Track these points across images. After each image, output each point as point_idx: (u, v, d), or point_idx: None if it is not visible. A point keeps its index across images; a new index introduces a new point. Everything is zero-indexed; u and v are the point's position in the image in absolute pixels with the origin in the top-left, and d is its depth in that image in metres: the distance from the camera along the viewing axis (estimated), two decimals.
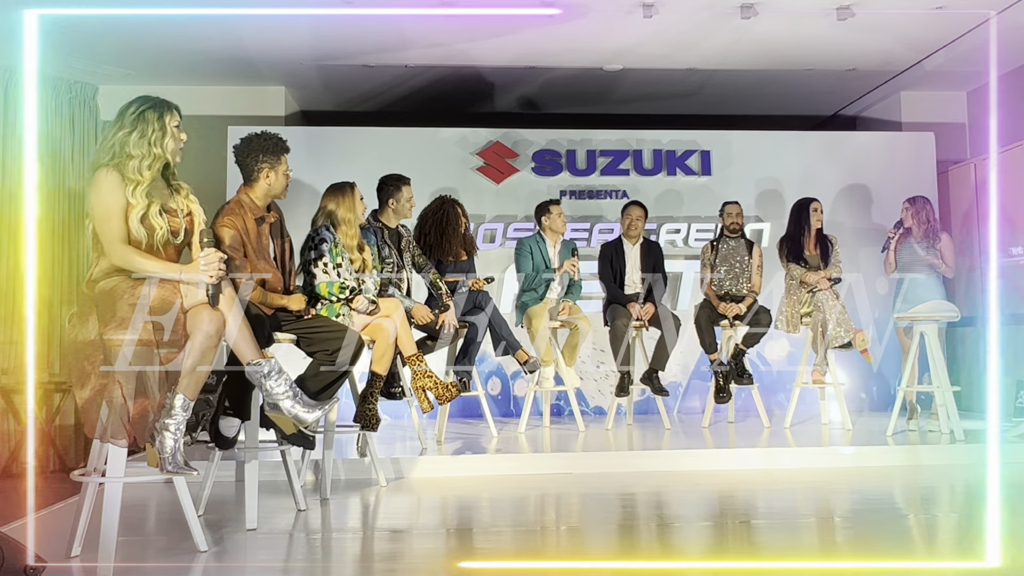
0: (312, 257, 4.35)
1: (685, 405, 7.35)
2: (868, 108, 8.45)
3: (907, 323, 5.74)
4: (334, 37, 6.55)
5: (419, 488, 4.50)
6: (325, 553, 3.29)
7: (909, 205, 6.03)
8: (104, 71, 6.97)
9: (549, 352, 5.82)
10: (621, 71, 7.34)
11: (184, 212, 3.18)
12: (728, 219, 6.29)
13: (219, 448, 3.68)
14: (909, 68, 7.30)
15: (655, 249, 6.31)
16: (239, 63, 6.99)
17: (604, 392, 7.27)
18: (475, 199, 7.19)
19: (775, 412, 6.63)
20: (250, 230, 3.73)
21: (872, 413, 7.07)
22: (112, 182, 3.02)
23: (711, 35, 6.52)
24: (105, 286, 2.98)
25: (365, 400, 4.30)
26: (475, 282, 5.47)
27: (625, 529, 3.59)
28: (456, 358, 5.45)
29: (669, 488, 4.45)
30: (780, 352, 7.37)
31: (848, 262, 6.47)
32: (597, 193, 7.54)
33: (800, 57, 7.03)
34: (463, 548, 3.31)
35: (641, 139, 7.61)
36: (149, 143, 3.08)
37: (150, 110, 3.13)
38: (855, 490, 4.38)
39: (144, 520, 3.89)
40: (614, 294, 6.16)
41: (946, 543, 3.39)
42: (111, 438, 2.89)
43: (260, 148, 3.82)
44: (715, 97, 8.02)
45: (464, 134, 7.52)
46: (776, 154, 7.63)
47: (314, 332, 3.83)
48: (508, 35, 6.47)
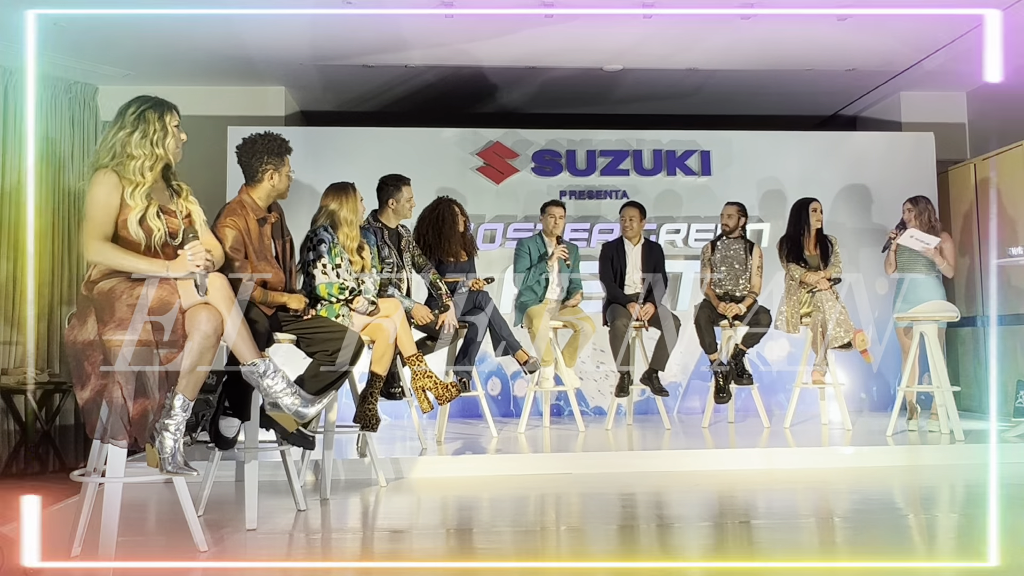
0: (311, 258, 4.35)
1: (685, 405, 7.35)
2: (868, 108, 8.45)
3: (907, 323, 5.74)
4: (334, 37, 6.55)
5: (419, 488, 4.50)
6: (325, 553, 3.28)
7: (912, 206, 6.03)
8: (104, 71, 6.97)
9: (549, 352, 5.82)
10: (621, 71, 7.34)
11: (183, 214, 3.18)
12: (723, 219, 6.29)
13: (219, 448, 3.68)
14: (909, 68, 7.30)
15: (656, 250, 6.31)
16: (239, 63, 6.99)
17: (604, 392, 7.27)
18: (475, 199, 7.20)
19: (775, 412, 6.63)
20: (252, 230, 3.73)
21: (872, 413, 7.07)
22: (109, 183, 3.02)
23: (711, 35, 6.53)
24: (104, 287, 2.98)
25: (365, 400, 4.30)
26: (475, 282, 5.47)
27: (625, 529, 3.59)
28: (456, 358, 5.45)
29: (669, 488, 4.45)
30: (780, 352, 7.37)
31: (848, 262, 6.47)
32: (597, 193, 7.54)
33: (800, 57, 7.04)
34: (463, 548, 3.31)
35: (641, 139, 7.61)
36: (151, 143, 3.08)
37: (150, 110, 3.12)
38: (855, 490, 4.38)
39: (144, 520, 3.89)
40: (614, 294, 6.16)
41: (946, 543, 3.39)
42: (111, 439, 2.89)
43: (264, 149, 3.82)
44: (715, 97, 8.02)
45: (464, 134, 7.52)
46: (776, 154, 7.63)
47: (314, 332, 3.83)
48: (508, 35, 6.47)
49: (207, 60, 6.92)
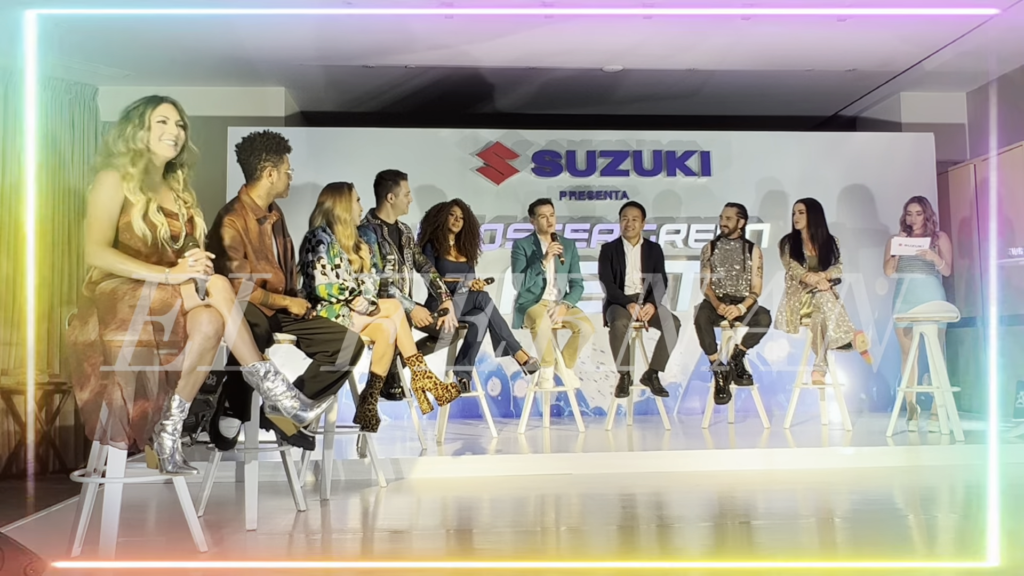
0: (310, 259, 4.35)
1: (685, 406, 7.35)
2: (868, 109, 8.46)
3: (907, 323, 5.74)
4: (334, 38, 6.55)
5: (419, 489, 4.50)
6: (325, 553, 3.28)
7: (913, 206, 6.03)
8: (104, 71, 6.97)
9: (549, 352, 5.82)
10: (621, 72, 7.34)
11: (185, 218, 3.17)
12: (722, 221, 6.30)
13: (219, 449, 3.68)
14: (909, 69, 7.30)
15: (655, 250, 6.31)
16: (239, 63, 6.99)
17: (604, 393, 7.27)
18: (475, 200, 7.16)
19: (775, 413, 6.63)
20: (251, 230, 3.73)
21: (872, 414, 7.07)
22: (108, 184, 3.02)
23: (711, 36, 6.53)
24: (105, 288, 2.98)
25: (365, 401, 4.30)
26: (475, 282, 5.47)
27: (625, 530, 3.59)
28: (456, 359, 5.45)
29: (669, 489, 4.45)
30: (780, 352, 7.37)
31: (848, 262, 6.47)
32: (597, 194, 7.54)
33: (800, 58, 7.04)
34: (463, 549, 3.31)
35: (641, 140, 7.61)
36: (127, 140, 3.07)
37: (137, 107, 3.13)
38: (855, 491, 4.38)
39: (144, 521, 3.89)
40: (614, 294, 6.16)
41: (946, 543, 3.39)
42: (111, 440, 2.89)
43: (263, 147, 3.82)
44: (715, 98, 8.02)
45: (464, 135, 7.52)
46: (776, 155, 7.63)
47: (314, 333, 3.83)
48: (508, 36, 6.47)
49: (207, 60, 6.92)
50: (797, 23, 6.26)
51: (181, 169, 3.22)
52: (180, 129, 3.17)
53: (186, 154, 3.22)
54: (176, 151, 3.17)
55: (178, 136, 3.16)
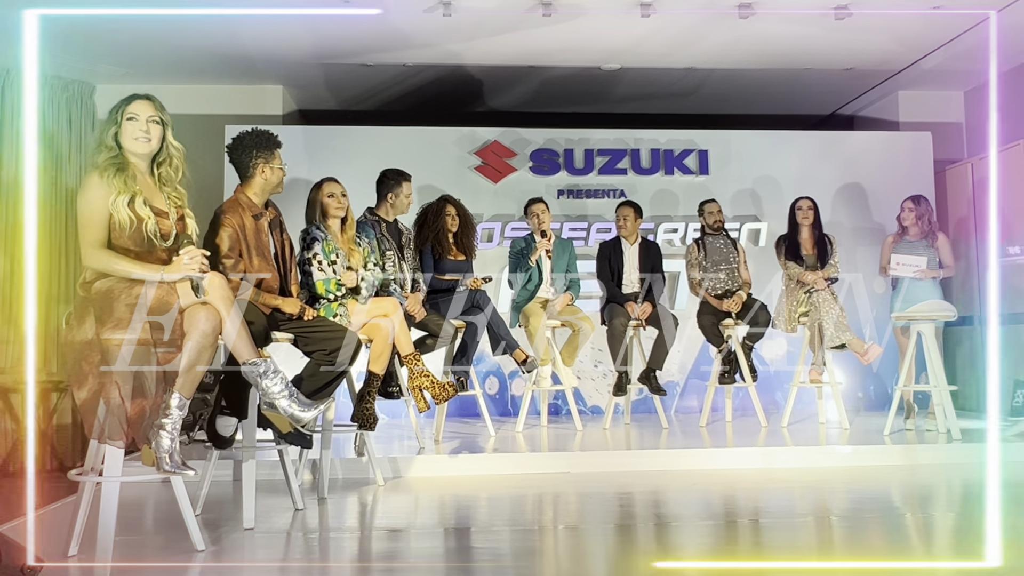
0: (306, 256, 4.36)
1: (683, 404, 7.35)
2: (865, 107, 8.46)
3: (904, 322, 5.74)
4: (332, 36, 6.54)
5: (417, 487, 4.50)
6: (323, 552, 3.28)
7: (913, 205, 6.04)
8: (101, 70, 6.96)
9: (547, 351, 5.82)
10: (619, 70, 7.34)
11: (176, 217, 3.17)
12: (711, 217, 6.32)
13: (216, 447, 3.68)
14: (906, 68, 7.31)
15: (653, 249, 6.32)
16: (237, 62, 6.98)
17: (602, 391, 7.27)
18: (473, 198, 7.16)
19: (772, 411, 6.64)
20: (247, 227, 3.74)
21: (869, 412, 7.07)
22: (91, 185, 3.03)
23: (709, 34, 6.53)
24: (101, 287, 2.98)
25: (362, 399, 4.30)
26: (473, 281, 5.47)
27: (623, 528, 3.59)
28: (454, 358, 5.45)
29: (667, 487, 4.45)
30: (778, 351, 7.38)
31: (846, 262, 6.47)
32: (595, 192, 7.54)
33: (798, 56, 7.04)
34: (461, 548, 3.31)
35: (639, 138, 7.61)
36: (102, 138, 3.09)
37: (113, 105, 3.15)
38: (852, 489, 4.39)
39: (141, 519, 3.89)
40: (612, 293, 6.16)
41: (944, 543, 3.39)
42: (108, 439, 2.88)
43: (253, 144, 3.84)
44: (713, 96, 8.02)
45: (462, 133, 7.51)
46: (774, 153, 7.63)
47: (312, 332, 3.83)
48: (506, 34, 6.47)
49: (205, 59, 6.91)
50: (795, 22, 6.27)
51: (167, 165, 3.21)
52: (155, 125, 3.14)
53: (168, 150, 3.19)
54: (150, 147, 3.14)
55: (150, 132, 3.13)
